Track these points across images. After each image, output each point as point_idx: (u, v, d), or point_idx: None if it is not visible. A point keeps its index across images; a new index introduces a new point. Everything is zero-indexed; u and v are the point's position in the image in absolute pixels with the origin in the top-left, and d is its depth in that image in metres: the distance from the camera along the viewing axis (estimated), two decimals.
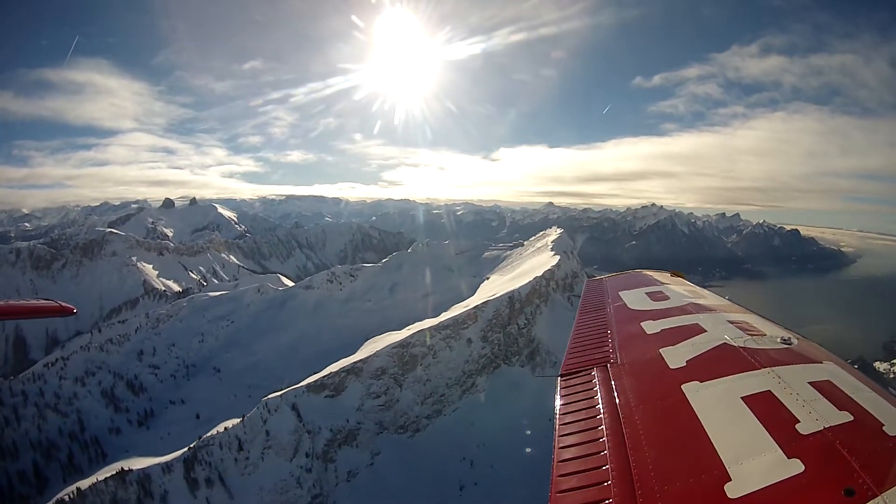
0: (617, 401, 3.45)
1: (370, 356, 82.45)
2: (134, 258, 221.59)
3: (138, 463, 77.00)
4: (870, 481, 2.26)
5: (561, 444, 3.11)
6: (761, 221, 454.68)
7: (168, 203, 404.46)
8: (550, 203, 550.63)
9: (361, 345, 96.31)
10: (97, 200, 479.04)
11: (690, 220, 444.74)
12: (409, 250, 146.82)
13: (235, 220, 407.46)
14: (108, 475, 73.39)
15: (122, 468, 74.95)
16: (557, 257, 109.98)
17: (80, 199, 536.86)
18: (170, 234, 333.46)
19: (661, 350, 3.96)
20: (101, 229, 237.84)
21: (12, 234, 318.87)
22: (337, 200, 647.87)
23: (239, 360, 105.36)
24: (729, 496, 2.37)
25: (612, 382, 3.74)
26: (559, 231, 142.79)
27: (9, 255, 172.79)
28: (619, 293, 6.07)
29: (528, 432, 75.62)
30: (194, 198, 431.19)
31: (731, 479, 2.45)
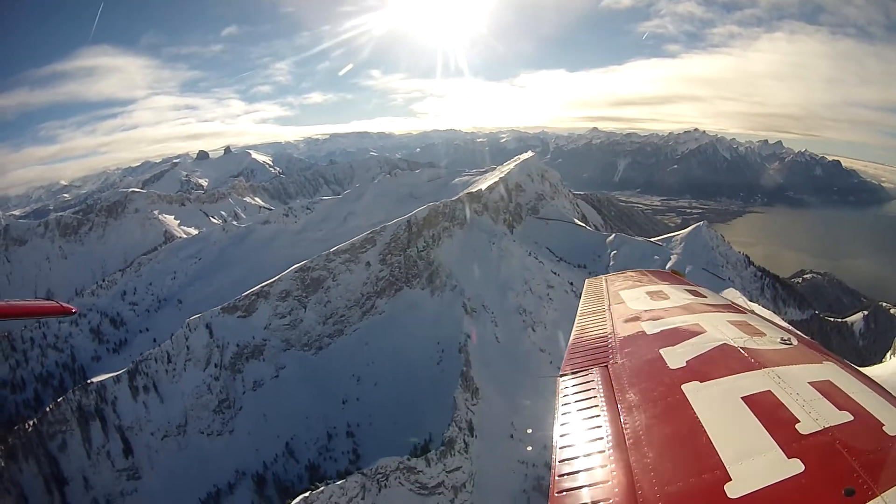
0: (617, 401, 3.72)
1: (275, 280, 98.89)
2: (156, 212, 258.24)
3: (100, 377, 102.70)
4: (870, 481, 2.42)
5: (561, 445, 3.38)
6: (803, 150, 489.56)
7: (202, 155, 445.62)
8: (595, 128, 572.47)
9: None
10: (138, 160, 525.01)
11: (732, 146, 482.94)
12: (375, 181, 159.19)
13: (270, 163, 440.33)
14: (76, 387, 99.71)
15: (87, 381, 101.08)
16: (493, 181, 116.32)
17: (120, 162, 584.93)
18: (204, 185, 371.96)
19: (661, 350, 4.30)
20: (124, 190, 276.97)
21: (51, 207, 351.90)
22: (382, 135, 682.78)
23: (199, 293, 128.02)
24: (729, 496, 2.56)
25: (612, 382, 4.03)
26: (530, 154, 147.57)
27: (37, 228, 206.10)
28: (619, 293, 6.54)
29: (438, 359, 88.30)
30: (228, 146, 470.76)
31: (731, 479, 2.65)
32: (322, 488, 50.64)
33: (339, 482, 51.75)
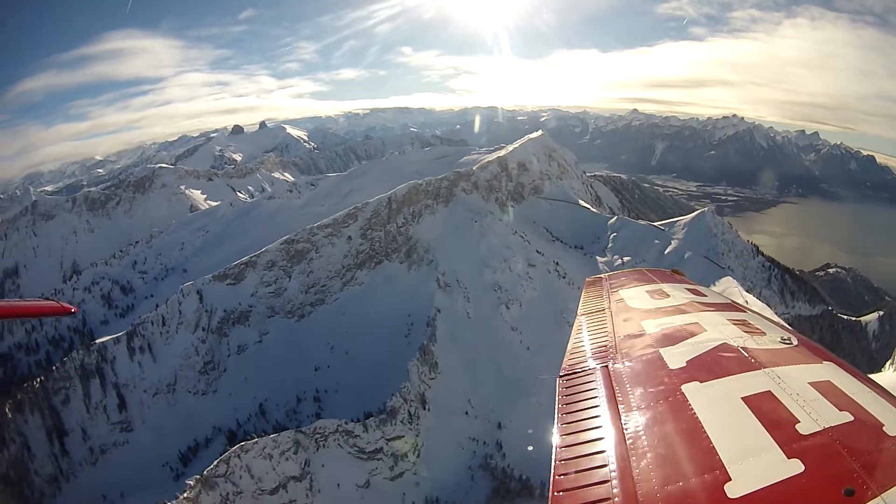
0: (617, 401, 3.79)
1: (262, 250, 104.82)
2: (182, 186, 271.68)
3: (102, 338, 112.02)
4: (870, 481, 2.46)
5: (561, 444, 3.44)
6: (839, 143, 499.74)
7: (237, 129, 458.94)
8: (635, 110, 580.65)
9: None
10: (175, 135, 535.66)
11: (769, 135, 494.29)
12: (383, 158, 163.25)
13: (306, 138, 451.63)
14: (80, 347, 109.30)
15: (90, 342, 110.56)
16: (486, 159, 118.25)
17: (157, 137, 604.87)
18: (238, 159, 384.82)
19: (660, 350, 4.38)
20: (152, 165, 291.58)
21: (84, 182, 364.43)
22: (423, 110, 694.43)
23: (202, 263, 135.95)
24: (729, 496, 2.61)
25: (612, 382, 4.10)
26: (539, 133, 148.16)
27: (66, 203, 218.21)
28: (619, 292, 6.63)
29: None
30: (263, 121, 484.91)
31: (731, 480, 2.71)
32: (257, 440, 55.37)
33: (272, 435, 56.46)
